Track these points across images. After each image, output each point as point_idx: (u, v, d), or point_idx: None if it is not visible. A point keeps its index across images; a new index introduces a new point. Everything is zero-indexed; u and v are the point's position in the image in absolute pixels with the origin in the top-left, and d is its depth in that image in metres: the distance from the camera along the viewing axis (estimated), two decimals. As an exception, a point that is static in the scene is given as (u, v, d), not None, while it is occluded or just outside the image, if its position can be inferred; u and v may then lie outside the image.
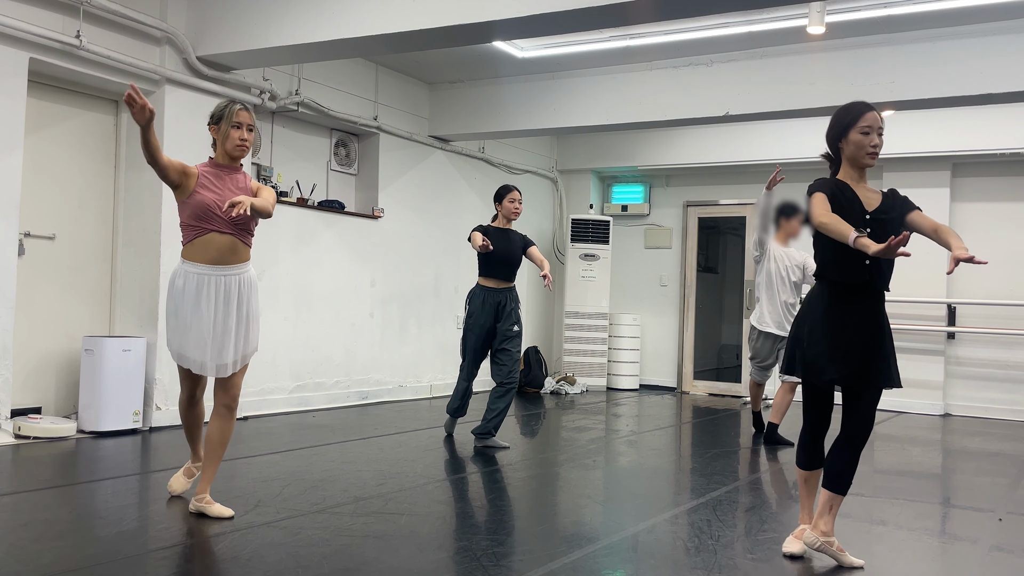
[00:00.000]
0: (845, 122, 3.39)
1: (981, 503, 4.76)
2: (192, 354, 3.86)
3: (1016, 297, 8.99)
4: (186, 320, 3.84)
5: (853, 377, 3.36)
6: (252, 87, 6.98)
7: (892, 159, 9.34)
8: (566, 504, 4.45)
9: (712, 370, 11.74)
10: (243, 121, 3.90)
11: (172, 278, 3.92)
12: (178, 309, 3.86)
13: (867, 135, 3.35)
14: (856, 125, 3.37)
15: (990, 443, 7.15)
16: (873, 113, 3.36)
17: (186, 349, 3.86)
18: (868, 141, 3.35)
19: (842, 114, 3.42)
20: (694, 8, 5.28)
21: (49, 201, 6.12)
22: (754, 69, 7.47)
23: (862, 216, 3.35)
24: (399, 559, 3.33)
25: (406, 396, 8.71)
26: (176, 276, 3.89)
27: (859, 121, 3.36)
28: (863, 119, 3.35)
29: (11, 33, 5.43)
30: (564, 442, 6.45)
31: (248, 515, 3.90)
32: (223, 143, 3.91)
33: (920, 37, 6.83)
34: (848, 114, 3.40)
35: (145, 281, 6.36)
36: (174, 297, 3.88)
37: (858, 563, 3.46)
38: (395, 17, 5.69)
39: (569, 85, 8.34)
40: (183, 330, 3.86)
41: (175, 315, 3.88)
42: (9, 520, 3.69)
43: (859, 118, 3.36)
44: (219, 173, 3.92)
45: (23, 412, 5.81)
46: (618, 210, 11.02)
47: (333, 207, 7.93)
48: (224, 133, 3.90)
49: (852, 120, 3.38)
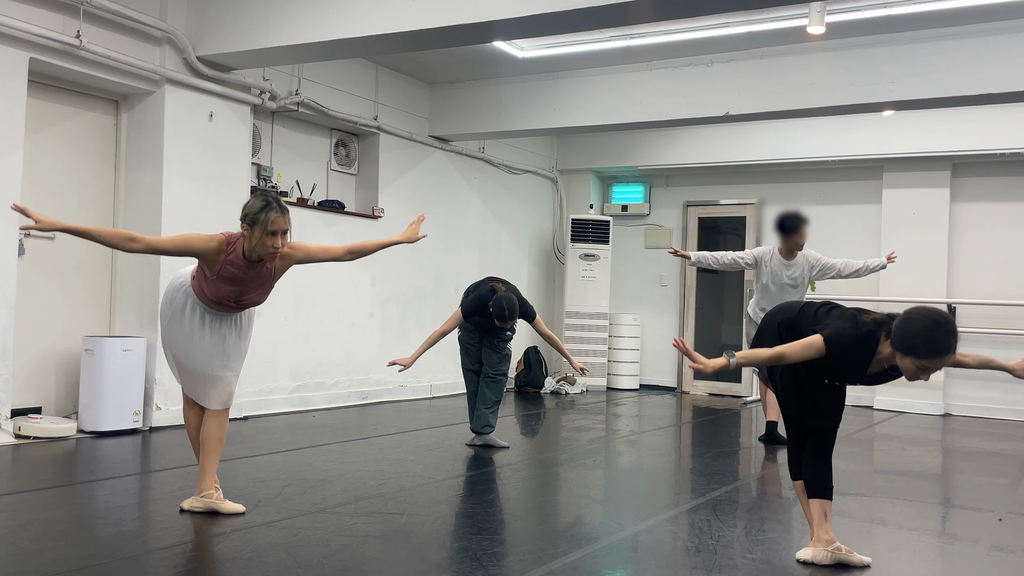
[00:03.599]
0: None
1: (981, 503, 4.76)
2: (196, 365, 3.89)
3: (1016, 297, 8.98)
4: (187, 336, 3.86)
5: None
6: (252, 87, 6.98)
7: (892, 159, 9.34)
8: (566, 504, 4.45)
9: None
10: (278, 229, 3.69)
11: (172, 292, 3.93)
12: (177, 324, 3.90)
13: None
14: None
15: (990, 443, 7.15)
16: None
17: (191, 361, 3.88)
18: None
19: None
20: (694, 8, 5.28)
21: (49, 201, 6.12)
22: (754, 69, 7.46)
23: (861, 375, 3.39)
24: (399, 559, 3.33)
25: (406, 396, 8.70)
26: (177, 292, 3.90)
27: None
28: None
29: (11, 33, 5.43)
30: (564, 442, 6.45)
31: (248, 515, 3.90)
32: (255, 246, 3.71)
33: (920, 37, 6.83)
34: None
35: (145, 281, 6.35)
36: (175, 313, 3.90)
37: (867, 560, 3.47)
38: (395, 17, 5.69)
39: (569, 85, 8.34)
40: (183, 344, 3.89)
41: (175, 331, 3.91)
42: (9, 520, 3.69)
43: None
44: (245, 267, 3.75)
45: (23, 412, 5.81)
46: (618, 210, 11.02)
47: (333, 207, 7.93)
48: (258, 238, 3.68)
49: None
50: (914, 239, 9.31)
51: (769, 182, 10.26)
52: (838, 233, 9.84)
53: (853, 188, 9.82)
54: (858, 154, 9.30)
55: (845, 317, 3.35)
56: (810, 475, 3.52)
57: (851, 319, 3.32)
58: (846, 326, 3.29)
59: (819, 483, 3.49)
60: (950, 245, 9.25)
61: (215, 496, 3.90)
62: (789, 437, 3.65)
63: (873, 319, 3.31)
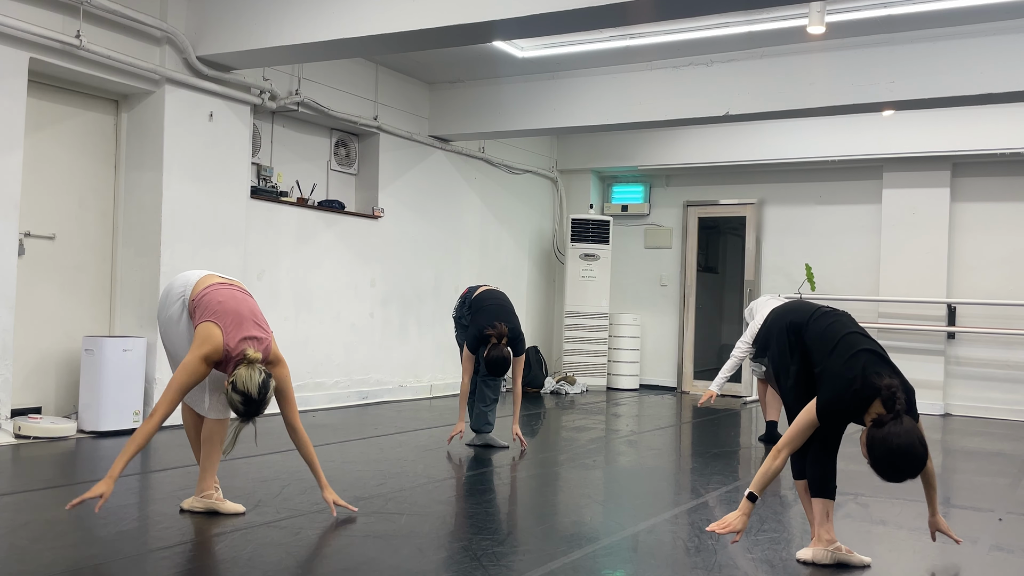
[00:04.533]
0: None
1: (981, 503, 4.76)
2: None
3: (1016, 297, 8.99)
4: (182, 344, 3.87)
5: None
6: (252, 87, 6.98)
7: (892, 159, 9.34)
8: (566, 504, 4.45)
9: (712, 370, 11.68)
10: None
11: (169, 300, 3.92)
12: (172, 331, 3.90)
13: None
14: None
15: (990, 443, 7.15)
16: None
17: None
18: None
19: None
20: (694, 8, 5.28)
21: (49, 201, 6.12)
22: (754, 69, 7.47)
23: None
24: (399, 559, 3.33)
25: (406, 396, 8.70)
26: (174, 302, 3.89)
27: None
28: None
29: (11, 33, 5.43)
30: (564, 442, 6.45)
31: (248, 515, 3.90)
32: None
33: (920, 37, 6.83)
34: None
35: (145, 281, 6.35)
36: (169, 320, 3.90)
37: (867, 560, 3.47)
38: (395, 17, 5.69)
39: (569, 85, 8.34)
40: (177, 353, 3.90)
41: (170, 338, 3.92)
42: (9, 520, 3.69)
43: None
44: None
45: (23, 412, 5.81)
46: (618, 210, 11.02)
47: (333, 207, 7.94)
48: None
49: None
50: (914, 239, 9.31)
51: (769, 182, 10.26)
52: (838, 233, 9.85)
53: (853, 188, 9.82)
54: (858, 154, 9.31)
55: (843, 372, 3.29)
56: (814, 474, 3.51)
57: (847, 378, 3.26)
58: (841, 389, 3.26)
59: (823, 483, 3.49)
60: (950, 245, 9.25)
61: (215, 496, 3.90)
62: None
63: (874, 382, 3.21)
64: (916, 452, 3.07)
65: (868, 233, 9.68)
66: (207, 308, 3.70)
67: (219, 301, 3.73)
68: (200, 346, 3.60)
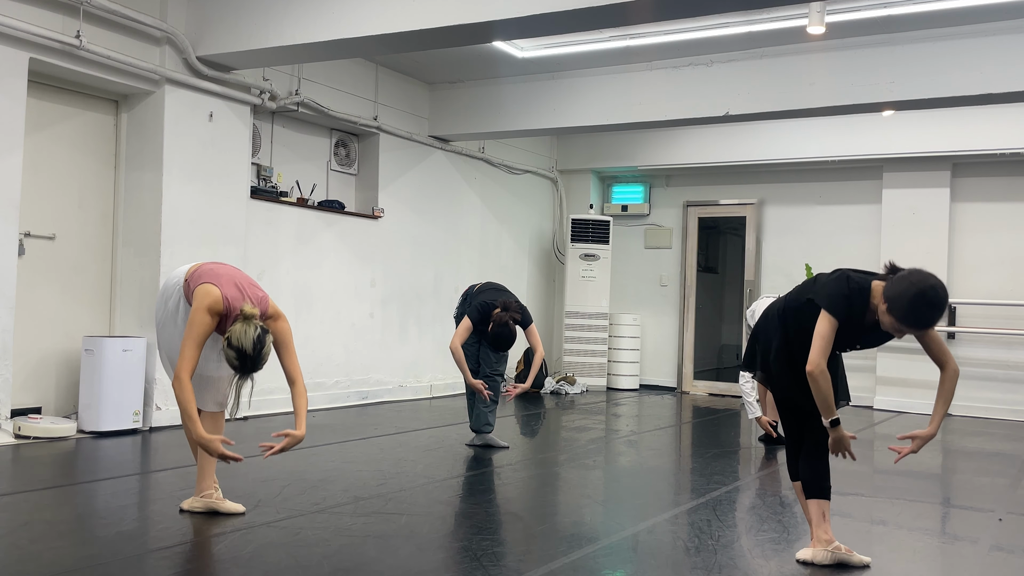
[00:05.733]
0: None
1: (981, 503, 4.76)
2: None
3: (1016, 297, 8.98)
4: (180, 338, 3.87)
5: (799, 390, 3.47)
6: (252, 87, 6.98)
7: (892, 159, 9.34)
8: (566, 504, 4.45)
9: (712, 370, 11.74)
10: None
11: (167, 293, 3.91)
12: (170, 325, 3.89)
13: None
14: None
15: (990, 443, 7.15)
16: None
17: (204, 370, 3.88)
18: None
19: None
20: (694, 8, 5.28)
21: (49, 201, 6.12)
22: (754, 69, 7.47)
23: (859, 335, 3.38)
24: (399, 559, 3.33)
25: (406, 396, 8.70)
26: (171, 294, 3.89)
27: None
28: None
29: (11, 33, 5.43)
30: (564, 442, 6.45)
31: (248, 515, 3.90)
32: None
33: (920, 37, 6.83)
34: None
35: (145, 281, 6.35)
36: (168, 314, 3.90)
37: (866, 560, 3.48)
38: (395, 17, 5.69)
39: (569, 85, 8.34)
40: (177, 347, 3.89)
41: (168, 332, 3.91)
42: (9, 520, 3.69)
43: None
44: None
45: (23, 412, 5.81)
46: (618, 210, 11.02)
47: (333, 207, 7.94)
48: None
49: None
50: (914, 239, 9.30)
51: (769, 182, 10.26)
52: (838, 233, 9.85)
53: (853, 188, 9.82)
54: (858, 154, 9.31)
55: (833, 279, 3.39)
56: (808, 476, 3.52)
57: (841, 279, 3.37)
58: (840, 285, 3.33)
59: (817, 483, 3.50)
60: (950, 245, 9.25)
61: (215, 496, 3.90)
62: (787, 438, 3.65)
63: (863, 272, 3.39)
64: (939, 282, 3.19)
65: (868, 233, 9.67)
66: (201, 276, 3.74)
67: (211, 269, 3.79)
68: (201, 300, 3.62)
